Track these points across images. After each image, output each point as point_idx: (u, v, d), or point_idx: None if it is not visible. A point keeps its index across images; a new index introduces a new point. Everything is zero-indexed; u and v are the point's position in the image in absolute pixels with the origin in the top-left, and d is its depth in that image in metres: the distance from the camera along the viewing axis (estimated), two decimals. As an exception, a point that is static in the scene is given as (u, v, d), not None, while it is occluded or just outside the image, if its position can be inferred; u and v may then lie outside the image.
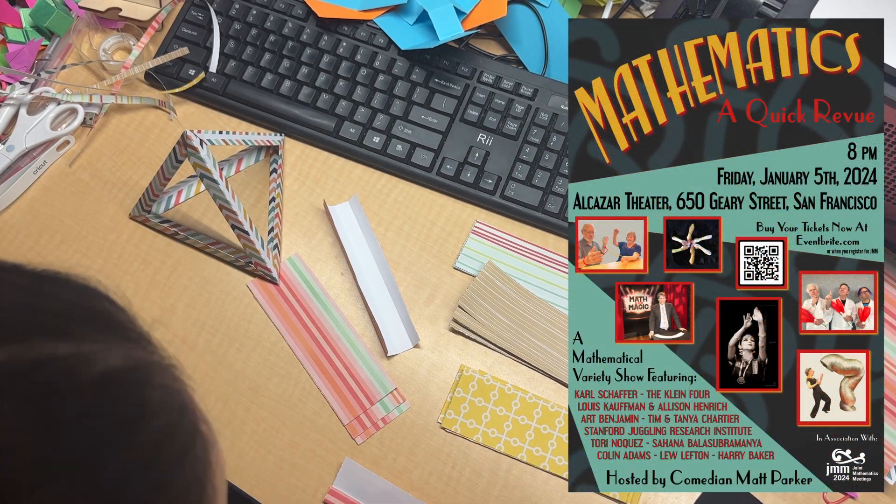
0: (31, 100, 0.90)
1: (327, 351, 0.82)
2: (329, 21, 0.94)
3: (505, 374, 0.82)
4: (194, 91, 0.93)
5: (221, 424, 0.81)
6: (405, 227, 0.88)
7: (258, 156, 0.92)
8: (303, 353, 0.83)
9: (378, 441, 0.80)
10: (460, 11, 0.92)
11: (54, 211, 0.89)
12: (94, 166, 0.91)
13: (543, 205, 0.87)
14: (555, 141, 0.89)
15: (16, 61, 0.92)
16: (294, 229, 0.88)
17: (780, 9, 0.70)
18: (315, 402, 0.81)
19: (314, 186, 0.90)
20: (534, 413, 0.80)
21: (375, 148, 0.90)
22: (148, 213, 0.87)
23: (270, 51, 0.93)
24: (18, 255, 0.86)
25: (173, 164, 0.81)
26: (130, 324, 0.39)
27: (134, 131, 0.92)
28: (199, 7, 0.96)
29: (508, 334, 0.83)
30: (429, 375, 0.82)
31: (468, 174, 0.88)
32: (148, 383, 0.36)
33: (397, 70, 0.92)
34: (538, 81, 0.92)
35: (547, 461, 0.79)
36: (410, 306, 0.84)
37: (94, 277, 0.40)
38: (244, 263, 0.85)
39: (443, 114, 0.90)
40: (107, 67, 0.94)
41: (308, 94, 0.92)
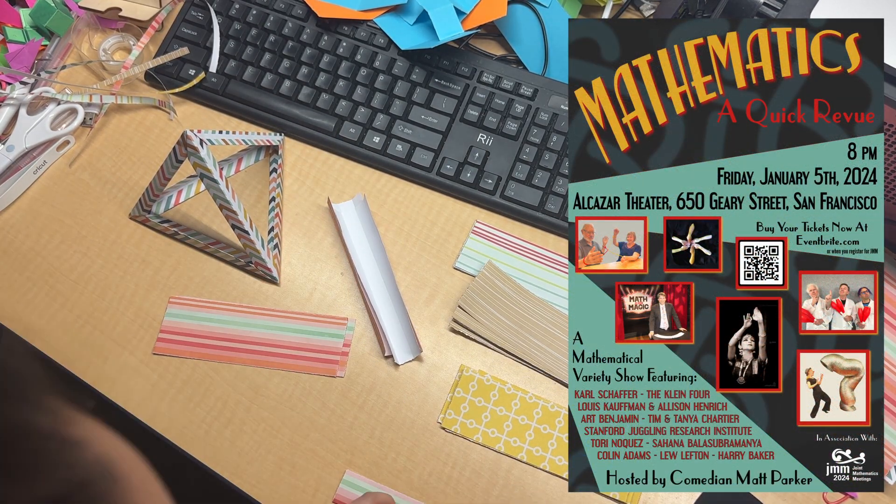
0: (31, 100, 0.90)
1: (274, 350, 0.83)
2: (329, 21, 0.94)
3: (505, 374, 0.82)
4: (194, 91, 0.93)
5: (221, 424, 0.81)
6: (405, 227, 0.88)
7: (258, 156, 0.92)
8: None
9: (378, 441, 0.80)
10: (460, 11, 0.92)
11: (54, 211, 0.89)
12: (94, 166, 0.91)
13: (543, 205, 0.87)
14: (555, 141, 0.89)
15: (16, 61, 0.92)
16: (294, 229, 0.88)
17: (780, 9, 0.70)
18: (315, 401, 0.81)
19: (314, 186, 0.90)
20: (534, 413, 0.80)
21: (375, 148, 0.90)
22: (148, 213, 0.87)
23: (270, 51, 0.94)
24: (18, 255, 0.87)
25: (173, 164, 0.81)
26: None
27: (134, 131, 0.92)
28: (199, 7, 0.96)
29: (508, 334, 0.83)
30: (429, 375, 0.82)
31: (468, 174, 0.88)
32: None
33: (397, 70, 0.92)
34: (538, 81, 0.92)
35: (547, 461, 0.79)
36: (410, 307, 0.84)
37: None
38: (244, 263, 0.85)
39: (443, 114, 0.90)
40: (107, 67, 0.94)
41: (308, 94, 0.92)
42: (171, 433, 0.80)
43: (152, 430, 0.80)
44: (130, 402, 0.81)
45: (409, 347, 0.83)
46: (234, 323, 0.83)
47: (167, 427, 0.80)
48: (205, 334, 0.83)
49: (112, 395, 0.81)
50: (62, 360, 0.83)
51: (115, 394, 0.81)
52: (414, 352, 0.82)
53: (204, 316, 0.84)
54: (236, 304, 0.84)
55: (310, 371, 0.82)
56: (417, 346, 0.82)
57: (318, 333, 0.83)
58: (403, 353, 0.83)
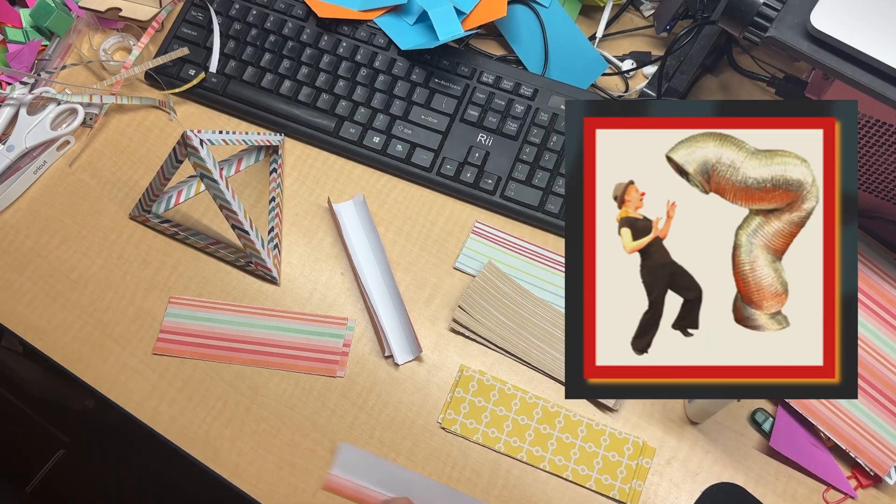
0: (31, 100, 0.90)
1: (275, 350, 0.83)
2: (329, 21, 0.94)
3: (505, 374, 0.82)
4: (194, 91, 0.93)
5: (222, 424, 0.81)
6: (405, 227, 0.88)
7: (258, 156, 0.92)
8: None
9: (378, 441, 0.80)
10: (460, 11, 0.92)
11: (54, 211, 0.89)
12: (94, 166, 0.91)
13: (543, 205, 0.87)
14: (555, 141, 0.89)
15: (16, 61, 0.92)
16: (294, 229, 0.88)
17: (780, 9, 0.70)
18: (315, 401, 0.81)
19: (314, 186, 0.90)
20: (534, 413, 0.80)
21: (375, 148, 0.90)
22: (148, 213, 0.87)
23: (270, 51, 0.94)
24: (18, 255, 0.87)
25: (173, 164, 0.81)
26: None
27: (134, 131, 0.92)
28: (199, 7, 0.96)
29: (508, 334, 0.83)
30: (429, 375, 0.82)
31: (468, 174, 0.88)
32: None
33: (397, 70, 0.92)
34: (538, 81, 0.91)
35: (547, 461, 0.79)
36: (410, 307, 0.84)
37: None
38: (244, 263, 0.85)
39: (443, 114, 0.90)
40: (107, 67, 0.94)
41: (308, 94, 0.92)
42: (171, 433, 0.80)
43: (152, 430, 0.80)
44: (130, 403, 0.81)
45: (409, 347, 0.83)
46: (234, 323, 0.83)
47: (167, 427, 0.80)
48: (205, 334, 0.83)
49: (112, 395, 0.81)
50: (62, 360, 0.83)
51: (115, 394, 0.81)
52: (414, 352, 0.82)
53: (204, 316, 0.84)
54: (236, 305, 0.84)
55: (310, 371, 0.82)
56: (417, 346, 0.81)
57: (318, 333, 0.83)
58: (403, 354, 0.83)
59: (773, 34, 0.69)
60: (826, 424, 0.78)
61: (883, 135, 0.74)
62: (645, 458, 0.78)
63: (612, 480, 0.78)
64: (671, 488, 0.78)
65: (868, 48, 0.66)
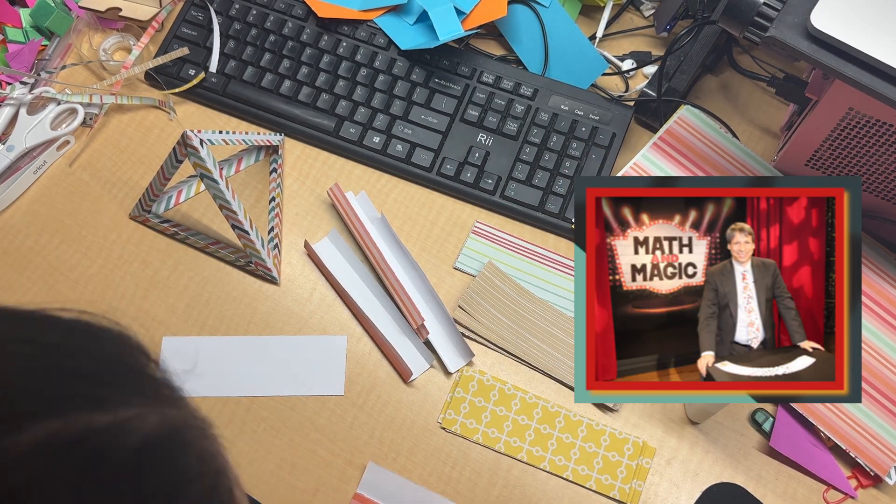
0: (31, 100, 0.90)
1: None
2: (329, 21, 0.94)
3: (505, 374, 0.82)
4: (194, 91, 0.93)
5: (221, 424, 0.80)
6: (405, 227, 0.88)
7: (258, 156, 0.92)
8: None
9: (378, 441, 0.80)
10: (460, 11, 0.92)
11: (54, 211, 0.89)
12: (94, 166, 0.91)
13: (543, 205, 0.87)
14: (555, 141, 0.89)
15: (16, 61, 0.92)
16: (294, 229, 0.88)
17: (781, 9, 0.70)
18: (315, 401, 0.81)
19: (314, 186, 0.90)
20: (534, 413, 0.80)
21: (375, 148, 0.90)
22: (148, 213, 0.87)
23: (270, 51, 0.93)
24: (18, 255, 0.86)
25: (173, 164, 0.81)
26: (165, 379, 0.38)
27: (134, 131, 0.92)
28: (199, 7, 0.96)
29: (508, 334, 0.83)
30: (429, 375, 0.82)
31: (468, 174, 0.88)
32: (185, 450, 0.35)
33: (397, 70, 0.92)
34: (538, 81, 0.91)
35: (547, 461, 0.79)
36: (410, 306, 0.85)
37: (127, 326, 0.39)
38: (244, 263, 0.85)
39: (443, 114, 0.90)
40: (107, 67, 0.94)
41: (308, 94, 0.92)
42: (171, 433, 0.80)
43: (152, 430, 0.80)
44: (130, 402, 0.81)
45: (460, 352, 0.82)
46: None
47: (167, 427, 0.80)
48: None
49: (112, 395, 0.81)
50: (62, 360, 0.82)
51: (115, 394, 0.81)
52: (466, 356, 0.82)
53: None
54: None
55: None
56: (468, 350, 0.81)
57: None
58: (455, 361, 0.82)
59: (773, 34, 0.69)
60: (826, 424, 0.78)
61: (883, 135, 0.74)
62: (645, 458, 0.78)
63: (613, 480, 0.78)
64: (671, 488, 0.78)
65: (868, 48, 0.66)
